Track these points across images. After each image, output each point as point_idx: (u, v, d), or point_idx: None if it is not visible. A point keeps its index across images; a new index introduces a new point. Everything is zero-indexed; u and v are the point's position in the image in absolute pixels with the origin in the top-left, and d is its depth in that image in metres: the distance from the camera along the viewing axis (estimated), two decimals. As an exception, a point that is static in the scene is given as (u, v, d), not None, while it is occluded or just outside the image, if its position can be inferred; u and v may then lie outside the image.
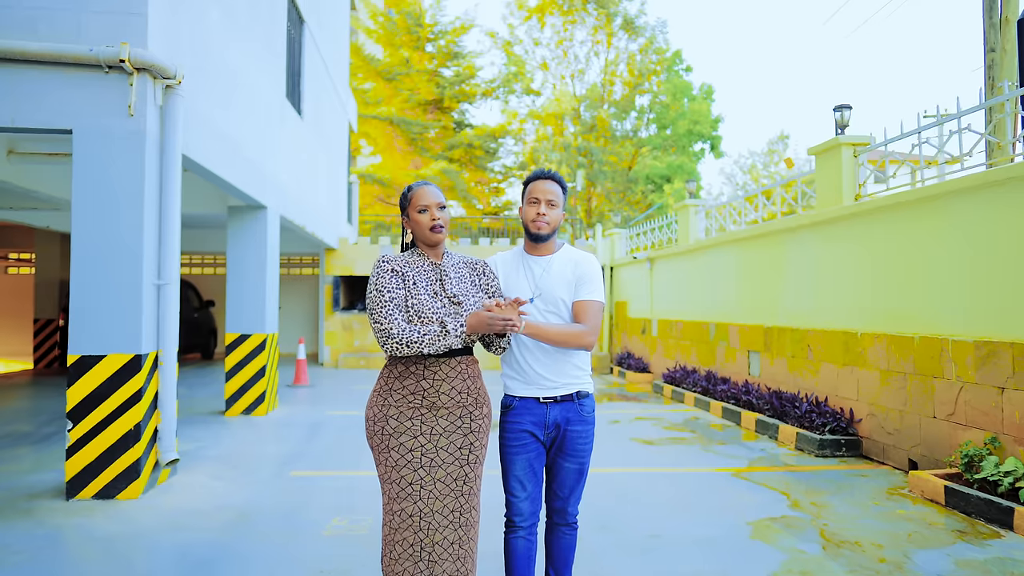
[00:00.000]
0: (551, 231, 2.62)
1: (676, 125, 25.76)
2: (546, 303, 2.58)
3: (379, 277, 2.36)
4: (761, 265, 8.35)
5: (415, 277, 2.38)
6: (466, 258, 2.58)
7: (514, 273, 2.66)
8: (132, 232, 4.67)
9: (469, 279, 2.50)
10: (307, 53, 10.33)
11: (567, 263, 2.62)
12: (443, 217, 2.41)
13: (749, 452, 6.41)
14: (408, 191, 2.45)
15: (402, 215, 2.49)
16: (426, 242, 2.42)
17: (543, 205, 2.59)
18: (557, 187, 2.60)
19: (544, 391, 2.57)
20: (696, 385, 9.53)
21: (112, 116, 4.64)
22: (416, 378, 2.34)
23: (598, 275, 2.62)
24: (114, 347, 4.61)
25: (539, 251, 2.66)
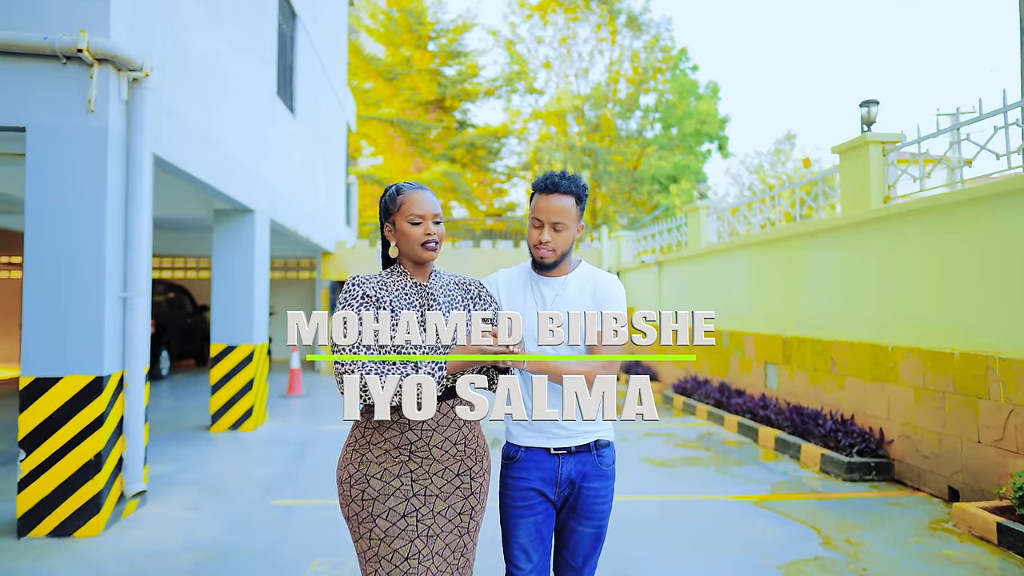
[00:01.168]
0: (558, 259, 2.14)
1: (682, 124, 25.27)
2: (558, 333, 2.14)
3: (346, 301, 1.92)
4: (779, 271, 7.86)
5: (394, 301, 1.95)
6: (459, 278, 2.13)
7: (519, 296, 2.20)
8: (93, 240, 4.22)
9: (461, 304, 2.06)
10: (300, 49, 9.89)
11: (585, 285, 2.17)
12: (439, 232, 1.98)
13: (770, 475, 5.93)
14: (397, 193, 2.00)
15: (383, 221, 2.02)
16: (415, 259, 1.98)
17: (547, 230, 2.10)
18: (567, 201, 2.10)
19: (555, 441, 2.11)
20: (709, 397, 9.04)
21: (71, 112, 4.19)
22: (400, 427, 1.90)
23: (622, 300, 2.17)
24: (72, 368, 4.16)
25: (550, 270, 2.22)
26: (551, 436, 2.11)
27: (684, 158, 24.92)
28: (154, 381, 12.09)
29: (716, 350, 9.51)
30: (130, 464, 4.46)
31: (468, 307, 2.06)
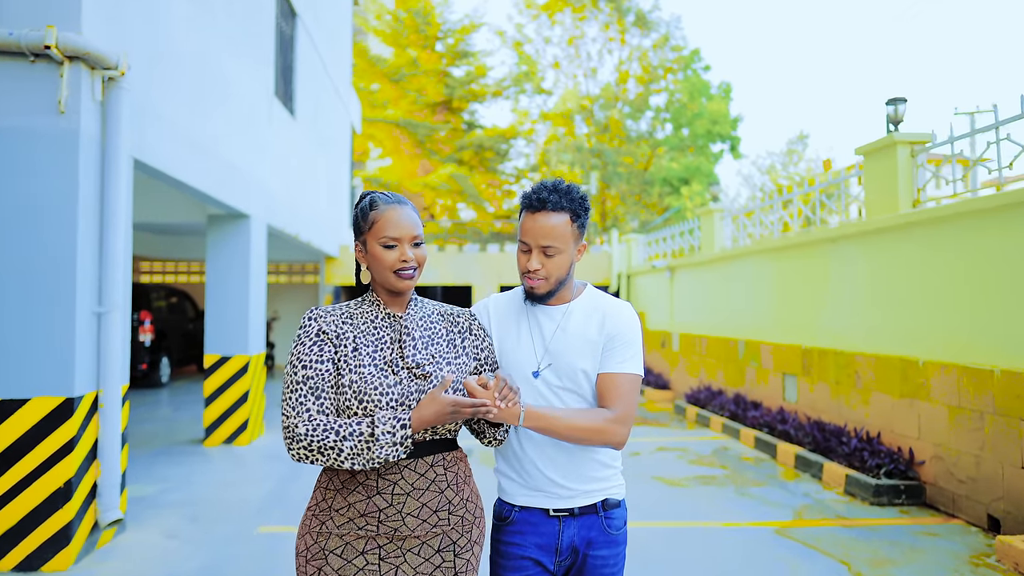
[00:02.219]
0: (551, 288, 1.79)
1: (694, 125, 24.87)
2: (560, 375, 1.78)
3: (298, 342, 1.62)
4: (798, 278, 7.49)
5: (359, 339, 1.63)
6: (444, 308, 1.80)
7: (512, 328, 1.85)
8: (63, 251, 3.92)
9: (445, 339, 1.72)
10: (301, 49, 9.60)
11: (592, 315, 1.82)
12: (418, 256, 1.66)
13: (791, 497, 5.56)
14: (370, 208, 1.66)
15: (355, 239, 1.71)
16: (387, 288, 1.67)
17: (535, 255, 1.75)
18: (559, 219, 1.74)
19: (555, 501, 1.78)
20: (723, 409, 8.66)
21: (39, 113, 3.90)
22: (366, 490, 1.57)
23: (636, 334, 1.82)
24: (40, 389, 3.87)
25: (545, 301, 1.86)
26: (550, 495, 1.78)
27: (695, 159, 24.51)
28: (154, 389, 11.84)
29: (731, 359, 9.13)
30: (105, 491, 4.16)
31: (453, 342, 1.73)
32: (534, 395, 1.78)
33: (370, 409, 1.55)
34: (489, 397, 1.51)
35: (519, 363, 1.80)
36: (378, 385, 1.57)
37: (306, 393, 1.55)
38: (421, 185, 22.67)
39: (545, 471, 1.77)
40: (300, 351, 1.60)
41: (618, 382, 1.75)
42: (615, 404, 1.72)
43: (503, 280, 14.51)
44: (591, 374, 1.78)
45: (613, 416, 1.70)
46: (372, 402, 1.55)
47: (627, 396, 1.74)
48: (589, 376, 1.78)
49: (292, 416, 1.53)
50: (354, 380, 1.57)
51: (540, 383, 1.78)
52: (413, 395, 1.58)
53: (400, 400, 1.57)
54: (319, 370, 1.58)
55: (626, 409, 1.72)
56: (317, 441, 1.49)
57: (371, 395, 1.55)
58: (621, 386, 1.74)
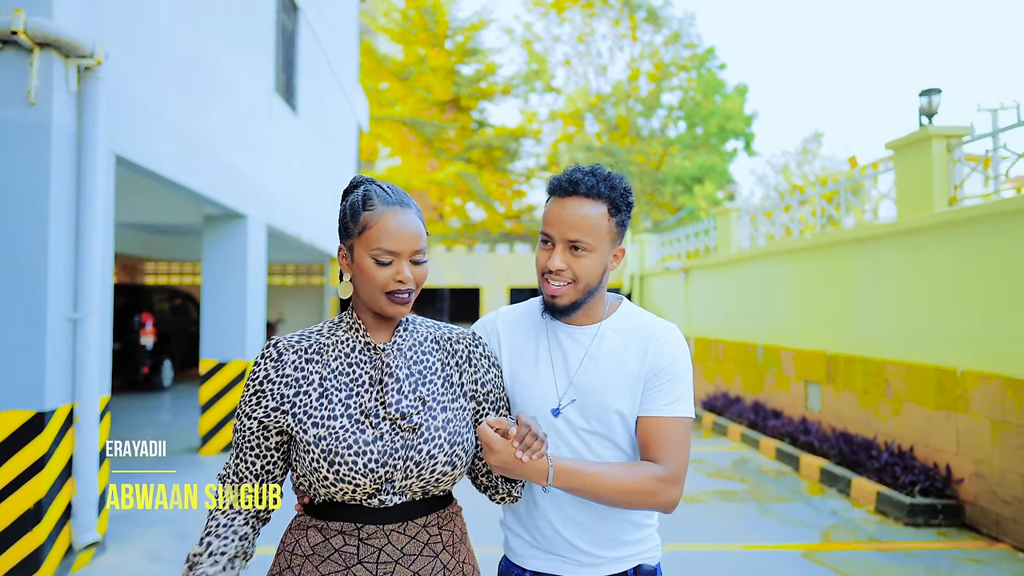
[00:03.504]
0: (577, 298, 1.41)
1: (707, 123, 24.45)
2: (587, 416, 1.43)
3: (247, 386, 1.31)
4: (822, 281, 7.11)
5: (329, 381, 1.29)
6: (439, 330, 1.43)
7: (528, 352, 1.49)
8: (33, 253, 3.63)
9: (440, 374, 1.37)
10: (303, 44, 9.32)
11: (631, 339, 1.45)
12: (418, 276, 1.30)
13: (818, 515, 5.20)
14: (362, 204, 1.30)
15: (341, 242, 1.35)
16: (375, 310, 1.31)
17: (559, 251, 1.39)
18: (594, 209, 1.38)
19: (575, 569, 1.44)
20: (742, 417, 8.29)
21: (8, 104, 3.61)
22: (343, 559, 1.26)
23: (687, 365, 1.45)
24: (7, 402, 3.58)
25: (577, 316, 1.48)
26: (569, 561, 1.44)
27: (708, 158, 24.09)
28: (156, 393, 11.61)
29: (750, 365, 8.75)
30: (80, 511, 3.86)
31: (450, 380, 1.37)
32: (552, 440, 1.43)
33: (343, 473, 1.23)
34: (507, 449, 1.21)
35: (536, 398, 1.45)
36: (352, 443, 1.24)
37: (244, 453, 1.32)
38: (427, 182, 22.39)
39: (563, 533, 1.43)
40: (243, 400, 1.31)
41: (667, 429, 1.38)
42: (665, 457, 1.36)
43: (512, 282, 14.20)
44: (628, 416, 1.42)
45: (664, 474, 1.34)
46: (346, 464, 1.23)
47: (679, 447, 1.38)
48: (626, 419, 1.42)
49: (222, 479, 1.35)
50: (322, 437, 1.25)
51: (561, 423, 1.44)
52: (398, 453, 1.25)
53: (381, 460, 1.25)
54: (246, 426, 1.30)
55: (678, 464, 1.36)
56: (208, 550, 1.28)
57: (344, 455, 1.23)
58: (671, 434, 1.38)
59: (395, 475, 1.25)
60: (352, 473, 1.23)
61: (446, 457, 1.29)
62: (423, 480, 1.28)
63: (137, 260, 15.81)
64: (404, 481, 1.26)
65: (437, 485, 1.30)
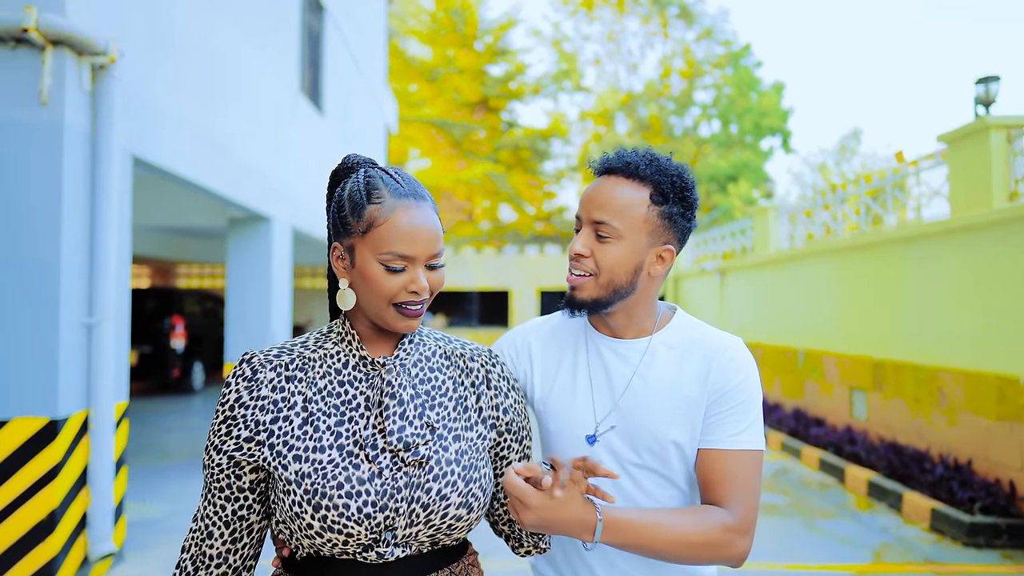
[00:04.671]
0: (599, 295, 1.19)
1: (742, 120, 23.93)
2: (636, 447, 1.22)
3: (216, 412, 1.09)
4: (868, 282, 6.74)
5: (315, 403, 1.07)
6: (451, 344, 1.21)
7: (565, 371, 1.28)
8: (46, 257, 3.53)
9: (452, 395, 1.14)
10: (329, 44, 9.25)
11: (687, 357, 1.23)
12: (434, 282, 1.08)
13: (868, 532, 4.88)
14: (366, 195, 1.05)
15: (337, 241, 1.10)
16: (382, 324, 1.09)
17: (583, 235, 1.20)
18: (633, 190, 1.18)
19: None
20: (782, 424, 7.95)
21: (21, 104, 3.52)
22: None
23: (756, 388, 1.22)
24: (20, 409, 3.48)
25: (619, 326, 1.26)
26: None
27: (743, 155, 23.57)
28: (186, 396, 11.67)
29: (789, 370, 8.39)
30: (96, 521, 3.76)
31: (465, 403, 1.14)
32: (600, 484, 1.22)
33: (332, 520, 1.00)
34: (545, 504, 1.00)
35: (570, 423, 1.25)
36: (343, 481, 1.01)
37: (214, 495, 1.10)
38: (454, 181, 22.31)
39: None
40: (212, 424, 1.09)
41: (734, 465, 1.16)
42: (732, 500, 1.14)
43: (542, 284, 13.98)
44: (686, 448, 1.21)
45: (734, 523, 1.12)
46: (335, 509, 1.00)
47: (748, 487, 1.15)
48: (683, 451, 1.21)
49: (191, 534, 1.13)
50: (305, 474, 1.02)
51: (603, 453, 1.22)
52: (401, 494, 1.02)
53: (380, 504, 1.01)
54: (214, 462, 1.08)
55: (748, 509, 1.15)
56: None
57: (332, 497, 1.00)
58: (739, 472, 1.16)
59: (397, 521, 1.03)
60: (343, 520, 1.00)
61: (460, 498, 1.06)
62: (432, 527, 1.05)
63: (170, 263, 15.99)
64: (409, 529, 1.03)
65: (449, 533, 1.07)
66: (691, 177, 1.22)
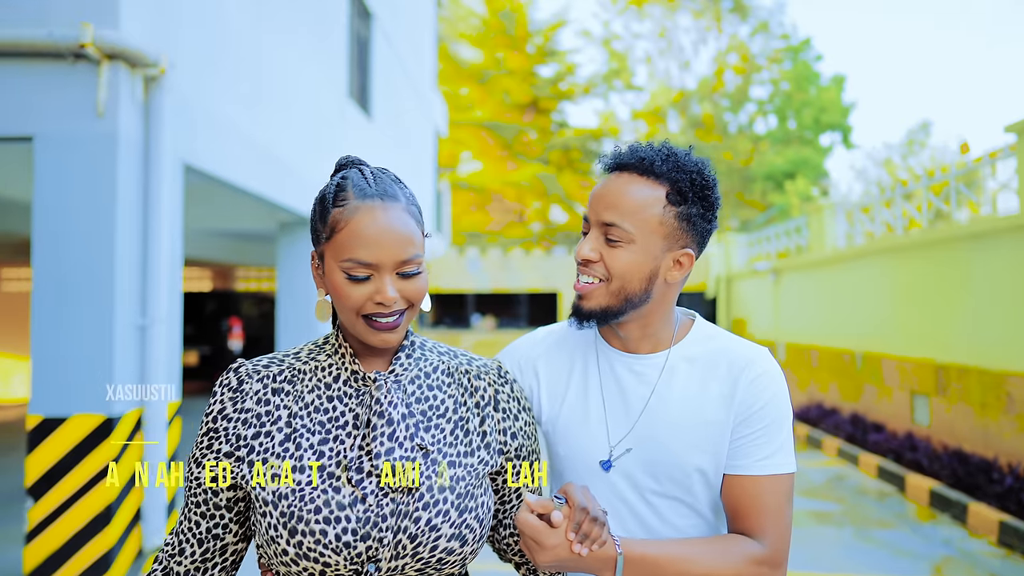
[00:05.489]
0: (609, 304, 1.10)
1: (800, 115, 23.22)
2: (656, 474, 1.13)
3: (201, 422, 1.04)
4: (930, 282, 6.43)
5: (300, 419, 1.00)
6: (456, 358, 1.11)
7: (575, 390, 1.18)
8: (101, 261, 3.70)
9: (451, 416, 1.06)
10: (377, 50, 9.41)
11: (710, 373, 1.13)
12: (406, 293, 0.97)
13: (928, 545, 4.64)
14: (333, 197, 0.99)
15: (314, 249, 1.04)
16: (358, 338, 1.01)
17: (592, 238, 1.11)
18: (646, 188, 1.08)
19: None
20: (839, 429, 7.66)
21: (79, 117, 3.69)
22: None
23: (786, 406, 1.12)
24: (79, 406, 3.66)
25: (633, 339, 1.16)
26: None
27: (801, 152, 22.86)
28: (245, 394, 12.06)
29: (847, 373, 8.08)
30: (150, 515, 3.92)
31: (466, 425, 1.06)
32: (606, 504, 1.14)
33: (308, 547, 0.93)
34: (562, 543, 0.94)
35: (582, 448, 1.16)
36: (322, 505, 0.94)
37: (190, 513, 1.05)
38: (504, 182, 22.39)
39: None
40: (196, 444, 1.04)
41: (764, 492, 1.07)
42: (762, 530, 1.06)
43: (591, 284, 13.87)
44: (712, 475, 1.12)
45: (765, 554, 1.04)
46: (311, 535, 0.92)
47: (779, 515, 1.07)
48: (708, 478, 1.12)
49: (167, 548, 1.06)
50: (283, 495, 0.95)
51: (619, 481, 1.14)
52: (386, 522, 0.94)
53: (362, 532, 0.93)
54: (193, 475, 1.03)
55: (780, 539, 1.06)
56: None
57: (309, 522, 0.93)
58: (769, 499, 1.07)
59: (381, 553, 0.94)
60: (319, 547, 0.92)
61: (453, 529, 0.97)
62: (420, 560, 0.96)
63: (229, 267, 16.55)
64: (394, 562, 0.95)
65: (440, 568, 0.98)
66: (712, 174, 1.12)
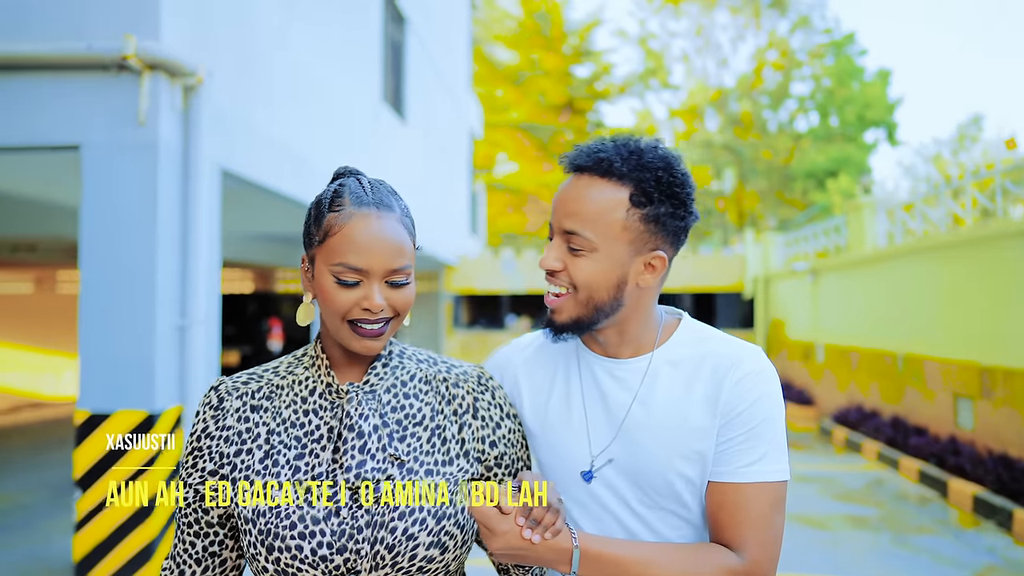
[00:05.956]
0: (580, 315, 1.06)
1: (843, 112, 22.67)
2: (641, 485, 1.08)
3: (185, 443, 1.09)
4: (974, 281, 6.24)
5: (277, 436, 1.02)
6: (434, 365, 1.11)
7: (557, 398, 1.15)
8: (142, 264, 3.86)
9: (428, 424, 1.05)
10: (411, 54, 9.54)
11: (696, 374, 1.08)
12: (394, 302, 1.00)
13: (970, 552, 4.51)
14: (329, 203, 1.02)
15: (305, 252, 1.06)
16: (342, 344, 1.02)
17: (554, 247, 1.06)
18: (606, 191, 1.02)
19: None
20: (879, 432, 7.47)
21: (122, 126, 3.86)
22: None
23: (776, 407, 1.06)
24: (123, 402, 3.82)
25: (612, 344, 1.12)
26: None
27: (844, 149, 22.32)
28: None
29: (888, 374, 7.88)
30: (188, 508, 4.06)
31: (443, 434, 1.05)
32: (591, 515, 1.11)
33: (286, 563, 0.94)
34: (513, 529, 0.91)
35: (564, 458, 1.13)
36: (297, 520, 0.95)
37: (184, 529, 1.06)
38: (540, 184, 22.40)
39: None
40: (184, 459, 1.06)
41: (747, 501, 1.01)
42: (743, 541, 1.00)
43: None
44: (699, 483, 1.06)
45: (740, 567, 0.98)
46: (288, 551, 0.94)
47: (765, 527, 1.00)
48: (696, 487, 1.07)
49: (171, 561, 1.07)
50: (261, 511, 0.97)
51: (603, 492, 1.10)
52: (362, 534, 0.95)
53: (337, 545, 0.95)
54: (181, 496, 1.05)
55: (764, 553, 1.00)
56: None
57: (285, 538, 0.94)
58: (752, 508, 1.01)
59: (360, 564, 0.94)
60: (296, 563, 0.94)
61: (431, 537, 0.97)
62: (400, 570, 0.96)
63: (269, 269, 16.94)
64: (375, 572, 0.95)
65: (423, 575, 0.98)
66: (681, 168, 1.05)
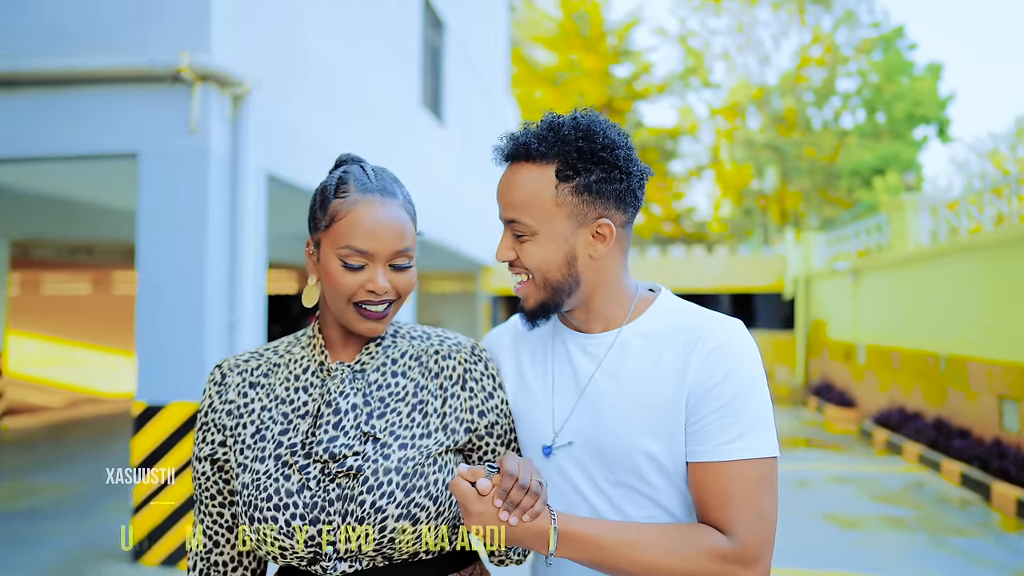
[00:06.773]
0: (545, 299, 1.07)
1: (891, 108, 22.08)
2: (606, 460, 1.05)
3: (196, 423, 1.13)
4: (1021, 281, 6.10)
5: (268, 412, 1.08)
6: (427, 340, 1.14)
7: (533, 374, 1.16)
8: (194, 264, 4.10)
9: (410, 399, 1.08)
10: (449, 58, 9.74)
11: (667, 348, 1.04)
12: (397, 284, 1.05)
13: (1010, 554, 4.45)
14: (335, 189, 1.06)
15: (310, 236, 1.10)
16: (345, 325, 1.08)
17: (505, 238, 1.09)
18: (533, 173, 1.04)
19: None
20: (920, 435, 7.34)
21: (175, 134, 4.11)
22: None
23: (751, 375, 1.01)
24: (177, 394, 4.07)
25: (582, 320, 1.12)
26: None
27: (892, 146, 21.74)
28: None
29: (931, 376, 7.73)
30: (236, 495, 4.29)
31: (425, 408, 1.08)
32: (556, 491, 1.09)
33: (264, 533, 0.99)
34: (489, 509, 0.90)
35: (529, 432, 1.13)
36: (272, 493, 1.00)
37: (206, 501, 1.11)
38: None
39: None
40: (198, 438, 1.11)
41: (731, 480, 0.97)
42: (731, 524, 0.95)
43: (664, 285, 13.75)
44: (666, 461, 1.02)
45: (729, 550, 0.94)
46: (265, 522, 0.99)
47: (752, 507, 0.96)
48: (663, 465, 1.02)
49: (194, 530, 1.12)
50: (245, 484, 1.02)
51: (570, 467, 1.08)
52: (333, 507, 0.99)
53: (309, 517, 0.98)
54: (199, 471, 1.10)
55: (756, 533, 0.95)
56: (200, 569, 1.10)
57: (262, 509, 0.99)
58: (738, 488, 0.96)
59: (336, 535, 0.99)
60: (272, 534, 0.98)
61: (400, 510, 0.99)
62: (374, 541, 0.99)
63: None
64: (349, 543, 0.99)
65: (397, 546, 1.00)
66: (604, 132, 1.04)
